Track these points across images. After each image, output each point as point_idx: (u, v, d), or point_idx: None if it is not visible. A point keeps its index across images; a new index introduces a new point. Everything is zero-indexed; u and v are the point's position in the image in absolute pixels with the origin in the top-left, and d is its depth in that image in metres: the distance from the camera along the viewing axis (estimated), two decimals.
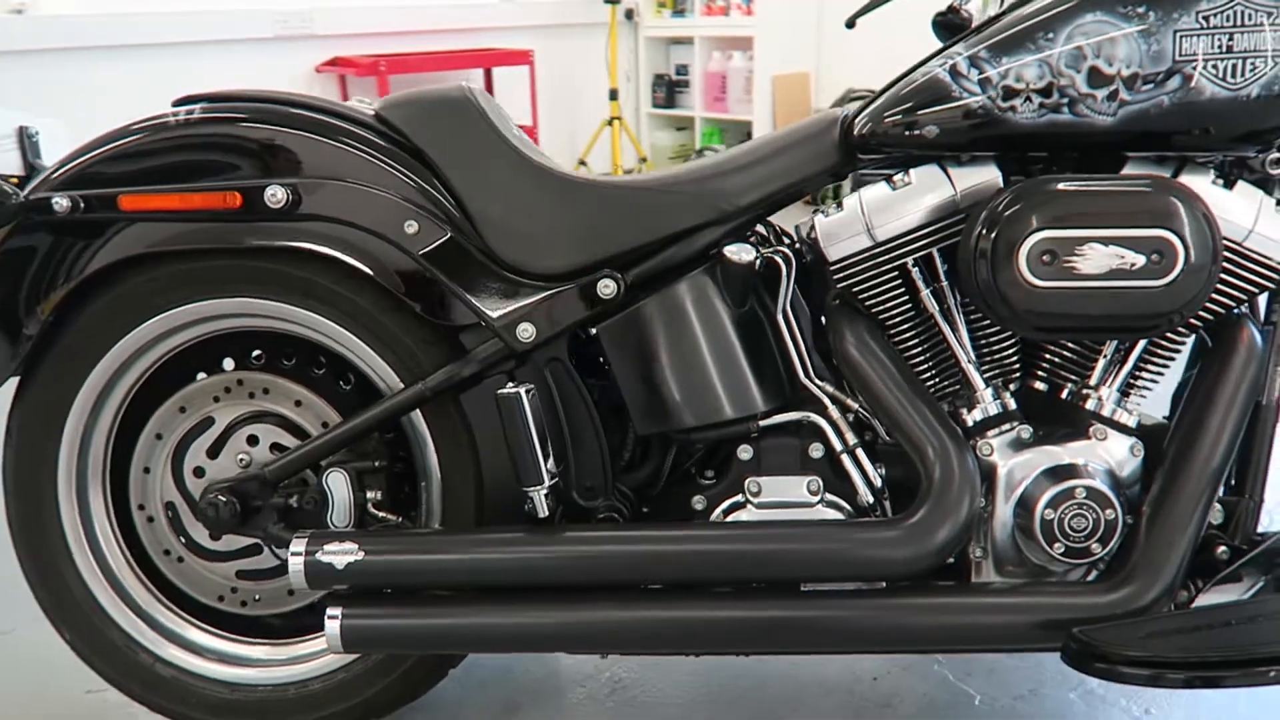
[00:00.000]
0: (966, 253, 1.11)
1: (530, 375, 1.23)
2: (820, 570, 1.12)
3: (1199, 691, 1.40)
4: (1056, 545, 1.14)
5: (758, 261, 1.21)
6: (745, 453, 1.23)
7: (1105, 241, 1.07)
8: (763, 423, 1.22)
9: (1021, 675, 1.49)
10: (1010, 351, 1.24)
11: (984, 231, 1.09)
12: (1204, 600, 1.14)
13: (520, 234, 1.20)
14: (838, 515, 1.20)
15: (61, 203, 1.16)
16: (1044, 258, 1.07)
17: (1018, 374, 1.24)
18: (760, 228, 1.34)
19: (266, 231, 1.20)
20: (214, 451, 1.31)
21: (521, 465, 1.15)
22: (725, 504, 1.23)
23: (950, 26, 1.56)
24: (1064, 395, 1.23)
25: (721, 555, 1.12)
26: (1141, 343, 1.21)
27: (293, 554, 1.14)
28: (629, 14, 5.30)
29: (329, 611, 1.14)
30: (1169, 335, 1.20)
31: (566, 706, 1.47)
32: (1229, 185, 1.15)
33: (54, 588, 1.31)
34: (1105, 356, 1.21)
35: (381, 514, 1.26)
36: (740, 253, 1.20)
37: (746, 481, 1.22)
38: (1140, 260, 1.07)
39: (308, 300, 1.24)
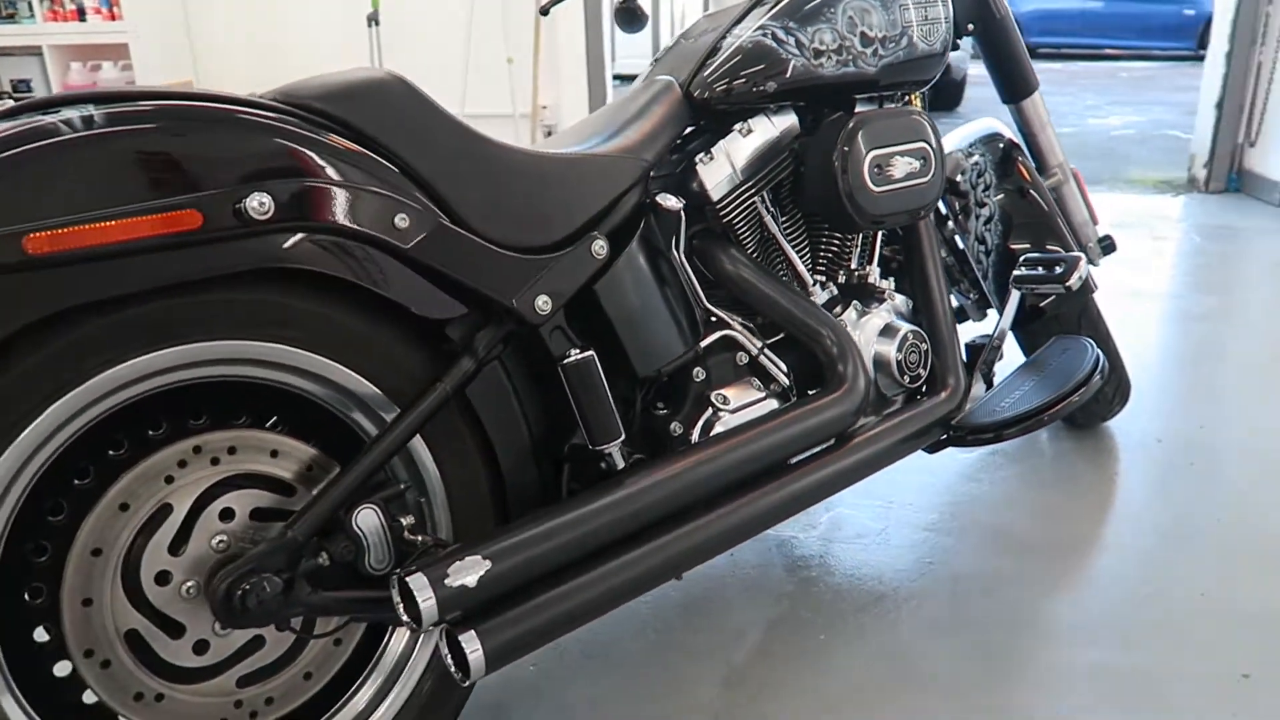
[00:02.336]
0: (825, 174, 1.45)
1: (519, 350, 1.24)
2: (808, 442, 1.38)
3: (929, 468, 2.01)
4: (906, 377, 1.58)
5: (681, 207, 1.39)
6: (700, 374, 1.41)
7: (902, 154, 1.51)
8: (702, 345, 1.42)
9: (811, 513, 1.93)
10: (808, 255, 1.62)
11: (841, 157, 1.44)
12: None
13: (505, 211, 1.19)
14: (779, 403, 1.47)
15: None
16: (876, 169, 1.47)
17: (810, 270, 1.64)
18: None
19: (243, 252, 1.00)
20: (176, 546, 1.03)
21: (599, 426, 1.19)
22: (701, 420, 1.40)
23: (629, 14, 1.86)
24: (840, 279, 1.66)
25: (755, 454, 1.30)
26: (880, 234, 1.69)
27: (421, 592, 1.01)
28: None
29: (465, 640, 1.04)
30: None
31: (529, 685, 1.47)
32: None
33: None
34: (858, 246, 1.67)
35: (420, 538, 1.14)
36: (669, 201, 1.36)
37: (712, 395, 1.41)
38: (917, 165, 1.53)
39: (274, 330, 1.06)
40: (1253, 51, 4.38)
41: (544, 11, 1.89)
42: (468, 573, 1.04)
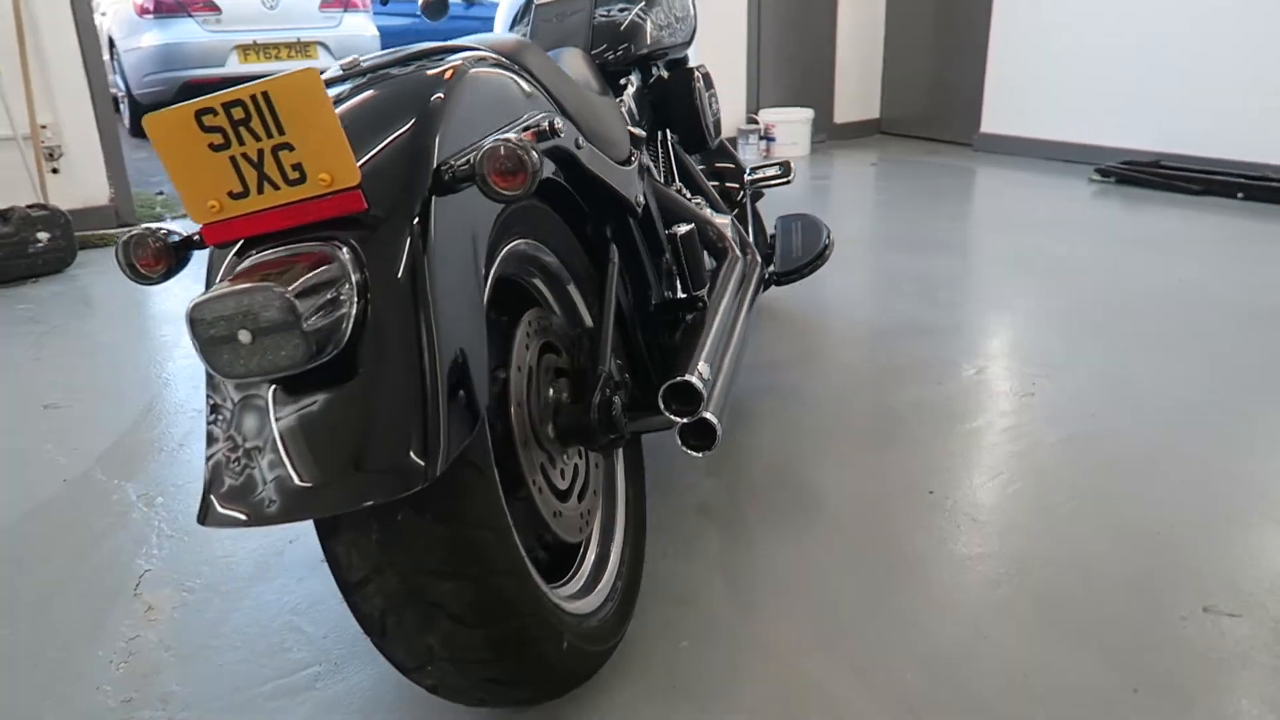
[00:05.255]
0: (692, 110, 2.08)
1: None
2: (745, 288, 2.00)
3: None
4: (738, 248, 2.28)
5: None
6: None
7: (712, 96, 2.20)
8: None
9: None
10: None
11: (699, 99, 2.08)
12: None
13: (601, 134, 1.59)
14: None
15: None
16: (713, 104, 2.14)
17: None
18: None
19: (547, 165, 1.32)
20: (536, 396, 1.32)
21: (698, 276, 1.69)
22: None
23: (439, 5, 2.24)
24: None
25: (742, 292, 1.90)
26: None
27: (701, 385, 1.44)
28: None
29: (708, 417, 1.48)
30: None
31: None
32: None
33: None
34: (677, 168, 2.33)
35: (624, 374, 1.53)
36: (636, 130, 1.87)
37: None
38: (717, 104, 2.24)
39: (534, 228, 1.38)
40: None
41: (384, 1, 2.13)
42: (705, 370, 1.50)
